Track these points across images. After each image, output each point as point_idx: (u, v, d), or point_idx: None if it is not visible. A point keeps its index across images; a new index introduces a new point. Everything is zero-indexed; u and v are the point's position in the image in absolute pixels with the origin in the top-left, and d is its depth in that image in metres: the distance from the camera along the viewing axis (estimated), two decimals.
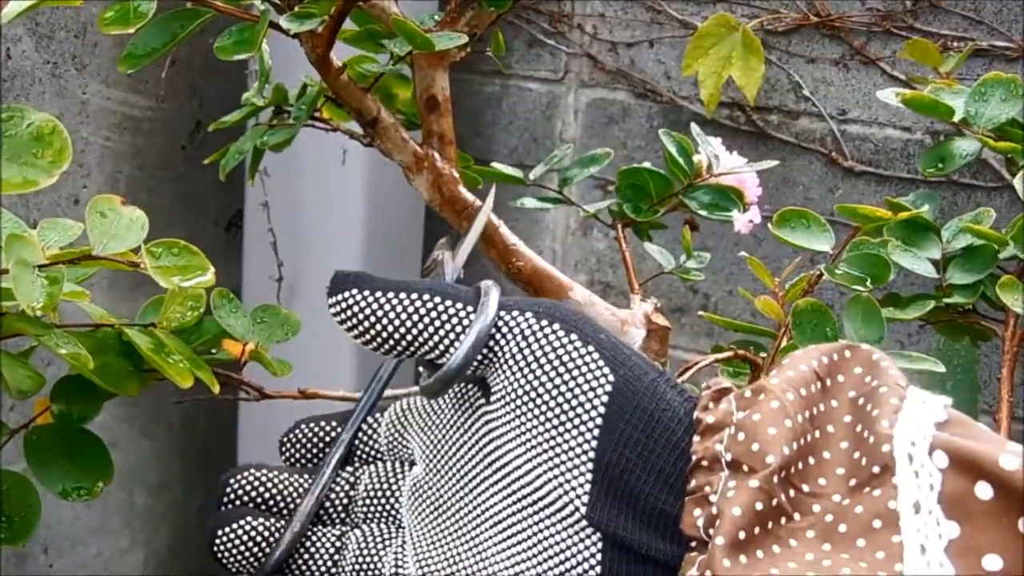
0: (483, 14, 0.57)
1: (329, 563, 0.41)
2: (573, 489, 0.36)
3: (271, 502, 0.42)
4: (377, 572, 0.41)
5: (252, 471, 0.42)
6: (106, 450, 0.55)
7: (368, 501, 0.42)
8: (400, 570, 0.40)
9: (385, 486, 0.42)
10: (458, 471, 0.40)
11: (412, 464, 0.43)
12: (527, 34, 1.53)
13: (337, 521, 0.42)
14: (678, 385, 0.38)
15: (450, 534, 0.40)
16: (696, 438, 0.35)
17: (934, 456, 0.32)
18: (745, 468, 0.34)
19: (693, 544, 0.34)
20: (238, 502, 0.42)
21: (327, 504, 0.42)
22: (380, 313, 0.38)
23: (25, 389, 0.53)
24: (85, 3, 0.53)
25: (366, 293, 0.38)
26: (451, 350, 0.38)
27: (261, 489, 0.42)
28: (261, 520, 0.41)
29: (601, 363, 0.37)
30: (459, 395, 0.41)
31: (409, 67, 0.61)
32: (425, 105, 0.59)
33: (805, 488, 0.34)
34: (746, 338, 0.71)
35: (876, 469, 0.33)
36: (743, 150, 1.41)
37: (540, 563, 0.37)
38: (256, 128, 0.67)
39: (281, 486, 0.42)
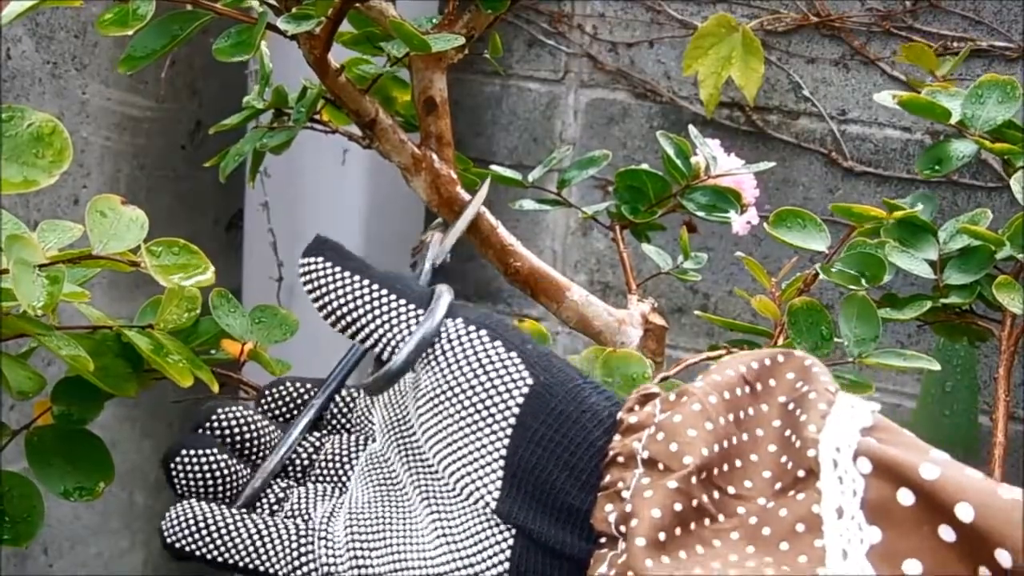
0: (480, 16, 0.57)
1: (269, 509, 0.43)
2: (485, 486, 0.37)
3: (242, 444, 0.43)
4: (307, 516, 0.42)
5: (239, 410, 0.43)
6: (107, 450, 0.55)
7: (325, 465, 0.44)
8: (330, 522, 0.42)
9: (344, 455, 0.44)
10: (406, 448, 0.41)
11: (374, 439, 0.44)
12: (527, 34, 1.54)
13: (293, 478, 0.44)
14: (608, 392, 0.38)
15: (389, 501, 0.41)
16: (617, 437, 0.36)
17: (858, 462, 0.32)
18: (661, 467, 0.34)
19: (603, 540, 0.35)
20: (212, 432, 0.43)
21: (287, 464, 0.44)
22: (337, 288, 0.40)
23: (26, 390, 0.53)
24: (85, 3, 0.54)
25: (330, 264, 0.40)
26: (396, 349, 0.39)
27: (242, 429, 0.43)
28: (225, 457, 0.42)
29: (521, 367, 0.38)
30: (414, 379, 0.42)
31: (407, 69, 0.61)
32: (423, 107, 0.60)
33: (731, 490, 0.34)
34: (743, 337, 0.71)
35: (801, 473, 0.33)
36: (743, 150, 1.42)
37: (459, 542, 0.38)
38: (256, 130, 0.67)
39: (257, 433, 0.43)
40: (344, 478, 0.44)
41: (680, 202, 0.70)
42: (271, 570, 0.40)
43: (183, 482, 0.42)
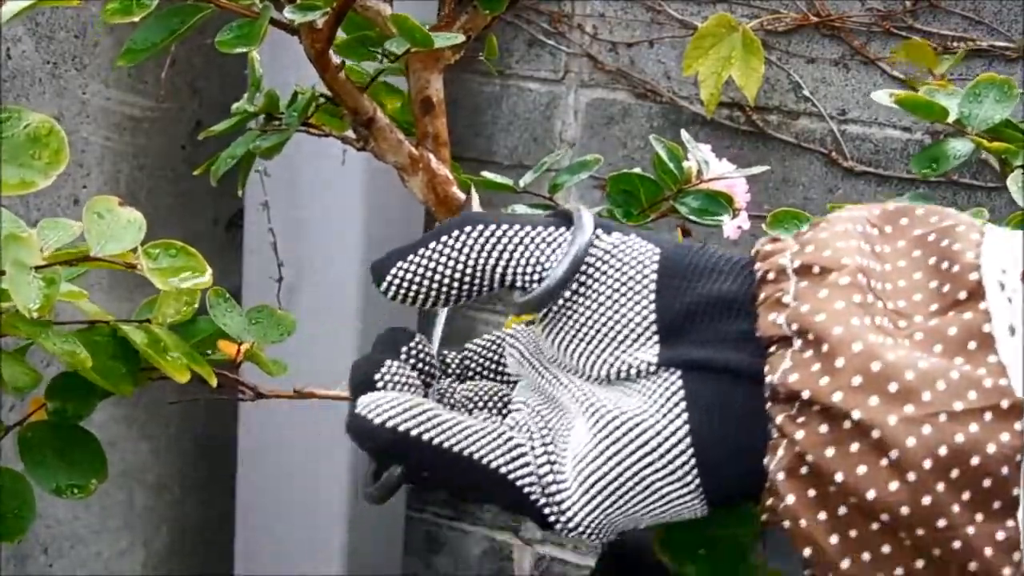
0: (478, 17, 0.57)
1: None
2: (644, 353, 0.37)
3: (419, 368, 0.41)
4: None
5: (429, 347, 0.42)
6: (100, 448, 0.55)
7: (478, 403, 0.42)
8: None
9: (494, 395, 0.42)
10: (549, 375, 0.40)
11: (513, 383, 0.43)
12: (527, 34, 1.54)
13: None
14: (735, 254, 0.39)
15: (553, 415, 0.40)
16: (758, 264, 0.36)
17: None
18: (817, 270, 0.34)
19: (773, 347, 0.34)
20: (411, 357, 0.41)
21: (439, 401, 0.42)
22: (441, 259, 0.38)
23: (21, 386, 0.53)
24: (85, 3, 0.54)
25: (413, 255, 0.39)
26: (544, 271, 0.38)
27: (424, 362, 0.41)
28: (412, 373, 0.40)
29: (647, 244, 0.38)
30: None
31: (403, 71, 0.61)
32: (420, 107, 0.60)
33: (889, 305, 0.34)
34: None
35: (962, 295, 0.33)
36: (743, 150, 1.42)
37: (630, 410, 0.37)
38: (248, 134, 0.67)
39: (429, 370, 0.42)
40: (500, 413, 0.42)
41: (673, 206, 0.70)
42: (485, 459, 0.37)
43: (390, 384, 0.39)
